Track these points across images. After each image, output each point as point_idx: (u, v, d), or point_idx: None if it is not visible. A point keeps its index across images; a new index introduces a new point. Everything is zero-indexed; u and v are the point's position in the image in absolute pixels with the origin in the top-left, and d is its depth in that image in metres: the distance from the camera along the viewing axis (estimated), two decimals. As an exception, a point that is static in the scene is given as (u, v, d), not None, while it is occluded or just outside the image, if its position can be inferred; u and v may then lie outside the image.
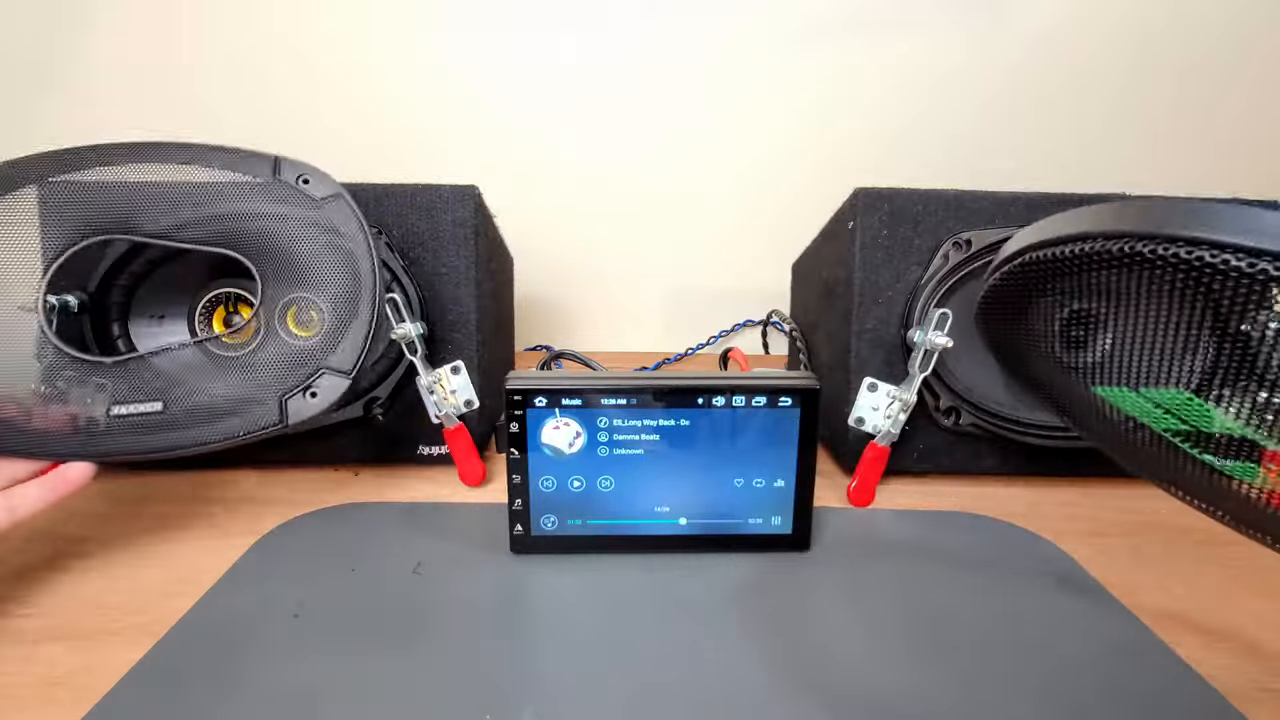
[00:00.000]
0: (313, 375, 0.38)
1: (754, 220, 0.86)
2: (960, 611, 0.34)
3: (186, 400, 0.37)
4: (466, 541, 0.40)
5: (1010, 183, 0.47)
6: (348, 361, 0.38)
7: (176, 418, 0.37)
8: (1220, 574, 0.38)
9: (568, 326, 0.91)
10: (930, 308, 0.44)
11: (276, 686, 0.28)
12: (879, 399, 0.47)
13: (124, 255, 0.46)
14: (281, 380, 0.38)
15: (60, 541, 0.39)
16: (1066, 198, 0.46)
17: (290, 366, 0.38)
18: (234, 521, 0.43)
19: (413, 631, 0.32)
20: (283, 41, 0.78)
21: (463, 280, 0.48)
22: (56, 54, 0.77)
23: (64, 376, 0.39)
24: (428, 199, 0.47)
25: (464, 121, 0.82)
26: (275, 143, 0.81)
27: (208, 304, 0.47)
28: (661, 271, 0.88)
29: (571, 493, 0.37)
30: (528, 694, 0.28)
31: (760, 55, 0.79)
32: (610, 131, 0.82)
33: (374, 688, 0.28)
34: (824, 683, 0.29)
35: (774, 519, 0.38)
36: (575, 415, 0.36)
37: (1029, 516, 0.44)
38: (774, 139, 0.82)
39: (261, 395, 0.37)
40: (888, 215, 0.46)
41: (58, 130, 0.79)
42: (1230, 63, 0.78)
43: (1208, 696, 0.28)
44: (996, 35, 0.78)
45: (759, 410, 0.36)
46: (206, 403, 0.37)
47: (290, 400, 0.37)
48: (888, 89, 0.80)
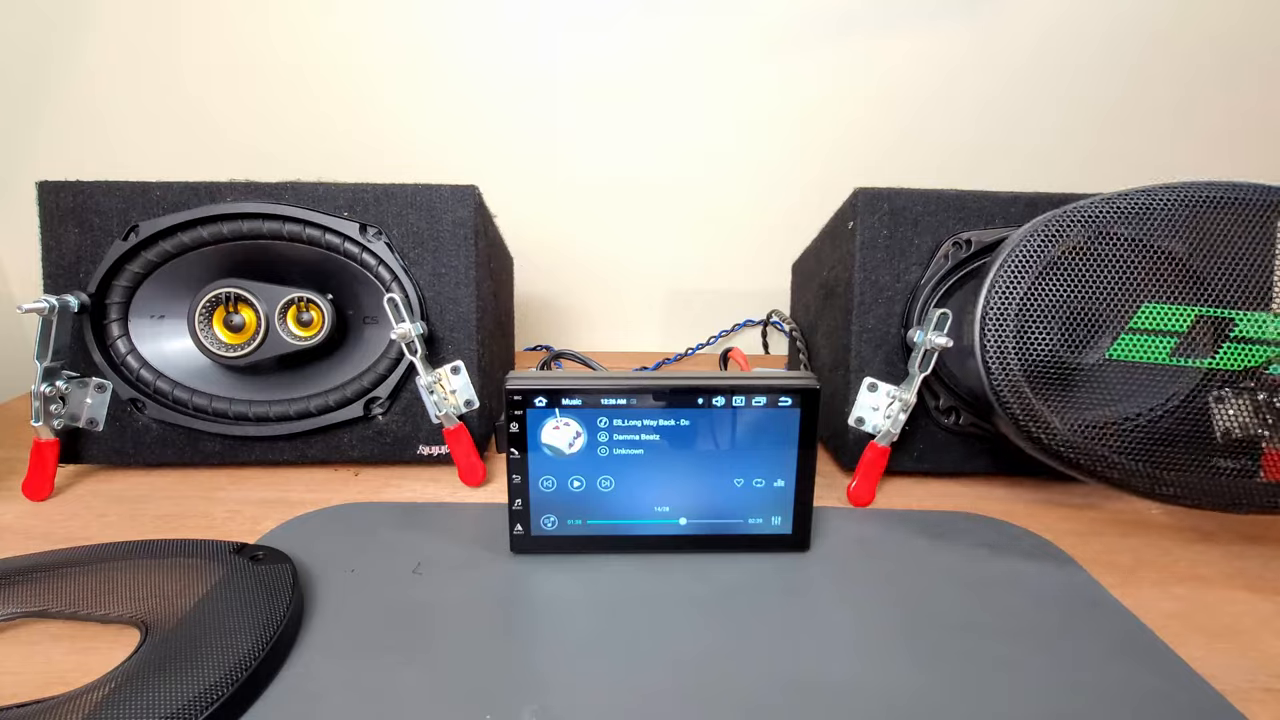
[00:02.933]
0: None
1: (754, 220, 0.85)
2: (960, 611, 0.34)
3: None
4: (466, 541, 0.40)
5: (1010, 183, 0.47)
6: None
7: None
8: (1220, 574, 0.38)
9: (568, 326, 0.91)
10: (930, 308, 0.44)
11: (276, 686, 0.28)
12: (879, 399, 0.47)
13: (124, 255, 0.46)
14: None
15: (60, 541, 0.39)
16: (1067, 197, 0.46)
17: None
18: (233, 522, 0.43)
19: (412, 632, 0.32)
20: (283, 42, 0.78)
21: (463, 280, 0.48)
22: (56, 54, 0.77)
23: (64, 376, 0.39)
24: (428, 199, 0.47)
25: (464, 121, 0.82)
26: (275, 142, 0.81)
27: (208, 304, 0.47)
28: (661, 271, 0.88)
29: (571, 493, 0.37)
30: (528, 694, 0.28)
31: (761, 55, 0.79)
32: (610, 131, 0.82)
33: (374, 688, 0.28)
34: (824, 683, 0.29)
35: (774, 519, 0.38)
36: (575, 415, 0.36)
37: (1029, 516, 0.44)
38: (774, 139, 0.82)
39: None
40: (888, 215, 0.46)
41: (58, 130, 0.79)
42: (1232, 62, 0.78)
43: (1208, 696, 0.28)
44: (997, 35, 0.78)
45: (759, 410, 0.36)
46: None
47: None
48: (888, 89, 0.80)
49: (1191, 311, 0.37)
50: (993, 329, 0.38)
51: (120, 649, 0.29)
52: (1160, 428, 0.38)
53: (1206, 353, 0.37)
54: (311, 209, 0.46)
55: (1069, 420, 0.38)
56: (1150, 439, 0.38)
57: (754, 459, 0.37)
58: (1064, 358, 0.38)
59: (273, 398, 0.48)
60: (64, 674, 0.29)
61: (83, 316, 0.46)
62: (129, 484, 0.48)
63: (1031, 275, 0.38)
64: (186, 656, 0.27)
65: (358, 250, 0.47)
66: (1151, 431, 0.38)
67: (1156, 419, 0.38)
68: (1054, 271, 0.38)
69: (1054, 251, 0.38)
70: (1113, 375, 0.38)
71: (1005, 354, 0.38)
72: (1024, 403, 0.38)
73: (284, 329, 0.48)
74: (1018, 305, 0.38)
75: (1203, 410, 0.37)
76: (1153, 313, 0.37)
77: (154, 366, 0.48)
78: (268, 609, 0.30)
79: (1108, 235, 0.38)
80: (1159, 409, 0.38)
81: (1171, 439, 0.37)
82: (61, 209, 0.46)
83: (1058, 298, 0.38)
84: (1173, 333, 0.37)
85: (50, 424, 0.45)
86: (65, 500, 0.45)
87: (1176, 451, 0.37)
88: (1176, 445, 0.37)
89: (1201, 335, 0.37)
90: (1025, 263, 0.39)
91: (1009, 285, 0.38)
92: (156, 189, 0.46)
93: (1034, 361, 0.38)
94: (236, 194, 0.47)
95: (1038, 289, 0.38)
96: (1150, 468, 0.37)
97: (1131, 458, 0.38)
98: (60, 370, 0.46)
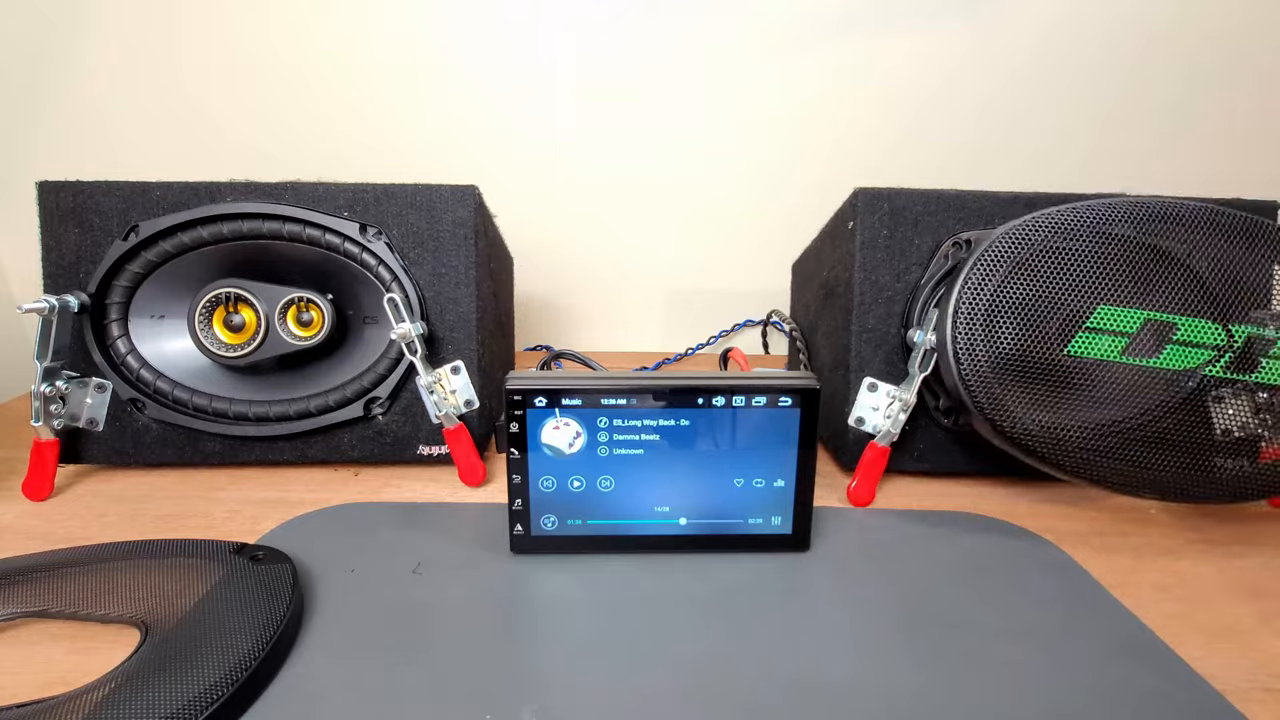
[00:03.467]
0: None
1: (754, 220, 0.85)
2: (960, 612, 0.34)
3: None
4: (466, 541, 0.40)
5: (1010, 183, 0.47)
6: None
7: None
8: (1220, 574, 0.38)
9: (568, 326, 0.91)
10: (930, 308, 0.44)
11: (276, 686, 0.28)
12: (879, 399, 0.47)
13: (124, 255, 0.46)
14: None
15: (60, 541, 0.39)
16: (1067, 197, 0.46)
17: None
18: (233, 522, 0.43)
19: (412, 632, 0.32)
20: (283, 42, 0.78)
21: (463, 280, 0.48)
22: (56, 54, 0.77)
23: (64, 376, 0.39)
24: (428, 199, 0.47)
25: (464, 121, 0.82)
26: (275, 142, 0.81)
27: (208, 304, 0.47)
28: (661, 271, 0.88)
29: (571, 493, 0.37)
30: (528, 694, 0.28)
31: (761, 55, 0.79)
32: (610, 131, 0.82)
33: (374, 688, 0.28)
34: (824, 683, 0.29)
35: (774, 519, 0.38)
36: (575, 415, 0.36)
37: (1029, 517, 0.44)
38: (774, 139, 0.82)
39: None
40: (888, 215, 0.46)
41: (58, 130, 0.79)
42: (1233, 61, 0.78)
43: (1208, 697, 0.28)
44: (997, 35, 0.78)
45: (759, 410, 0.36)
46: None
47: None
48: (888, 88, 0.80)
49: (1140, 315, 0.40)
50: (963, 323, 0.40)
51: (120, 649, 0.29)
52: (1126, 427, 0.40)
53: (1152, 354, 0.40)
54: (311, 209, 0.46)
55: (1059, 420, 0.40)
56: (1113, 434, 0.40)
57: (754, 459, 0.37)
58: (1031, 352, 0.40)
59: (273, 398, 0.48)
60: (64, 674, 0.29)
61: (83, 316, 0.46)
62: (129, 484, 0.48)
63: (1001, 274, 0.40)
64: (186, 656, 0.27)
65: (358, 250, 0.47)
66: (1117, 429, 0.40)
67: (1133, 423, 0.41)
68: (1022, 272, 0.40)
69: (1022, 253, 0.40)
70: (1103, 380, 0.40)
71: (974, 346, 0.40)
72: (989, 392, 0.40)
73: (284, 329, 0.48)
74: (987, 302, 0.40)
75: (1177, 411, 0.40)
76: (1106, 314, 0.40)
77: (154, 366, 0.48)
78: (268, 609, 0.30)
79: (1070, 242, 0.41)
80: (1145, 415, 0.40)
81: (1136, 436, 0.40)
82: (61, 209, 0.46)
83: (1025, 296, 0.40)
84: (1123, 333, 0.40)
85: (50, 424, 0.45)
86: (65, 500, 0.45)
87: (1138, 449, 0.40)
88: (1140, 443, 0.40)
89: (1148, 337, 0.40)
90: (996, 262, 0.41)
91: (980, 282, 0.41)
92: (156, 189, 0.46)
93: (1000, 354, 0.40)
94: (236, 194, 0.47)
95: (1006, 287, 0.40)
96: (1112, 460, 0.40)
97: (1096, 452, 0.40)
98: (60, 370, 0.46)
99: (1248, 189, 0.49)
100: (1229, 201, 0.47)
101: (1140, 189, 0.47)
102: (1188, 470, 0.39)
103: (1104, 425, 0.40)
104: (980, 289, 0.40)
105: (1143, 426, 0.40)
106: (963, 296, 0.41)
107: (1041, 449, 0.40)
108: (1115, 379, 0.40)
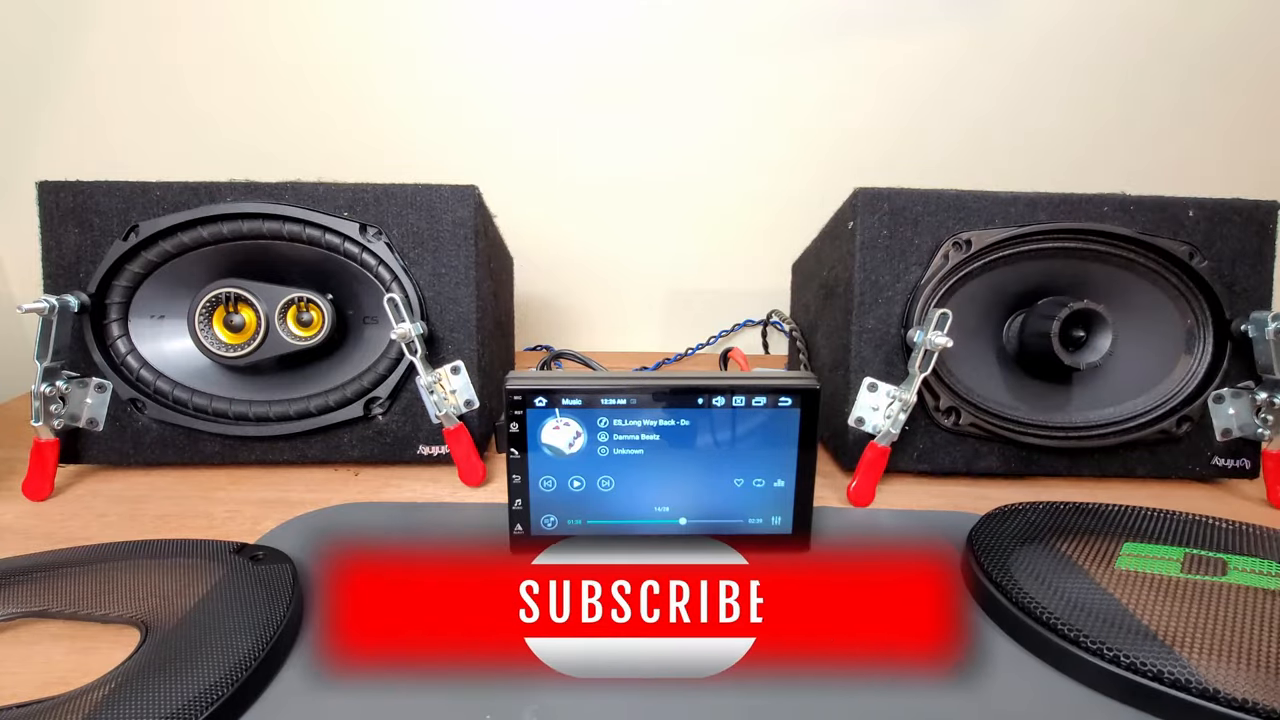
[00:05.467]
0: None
1: (754, 220, 0.85)
2: (960, 611, 0.34)
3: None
4: (466, 541, 0.40)
5: (1010, 183, 0.47)
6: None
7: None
8: (1220, 574, 0.38)
9: (568, 326, 0.91)
10: (930, 308, 0.44)
11: (276, 686, 0.28)
12: (879, 399, 0.47)
13: (124, 255, 0.46)
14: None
15: (60, 541, 0.39)
16: (1067, 197, 0.46)
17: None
18: (233, 522, 0.43)
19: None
20: (283, 42, 0.78)
21: (463, 280, 0.48)
22: (56, 54, 0.77)
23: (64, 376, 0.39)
24: (428, 199, 0.47)
25: (464, 121, 0.81)
26: (275, 142, 0.81)
27: (208, 304, 0.47)
28: (661, 271, 0.88)
29: (571, 492, 0.37)
30: (528, 694, 0.28)
31: (761, 56, 0.79)
32: (610, 131, 0.82)
33: (374, 688, 0.28)
34: (823, 683, 0.29)
35: (774, 519, 0.38)
36: (575, 415, 0.36)
37: (1029, 516, 0.44)
38: (774, 139, 0.82)
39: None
40: (888, 215, 0.46)
41: (58, 130, 0.79)
42: (1234, 61, 0.78)
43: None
44: (998, 35, 0.78)
45: (759, 410, 0.36)
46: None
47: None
48: (889, 89, 0.80)
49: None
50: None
51: (120, 649, 0.29)
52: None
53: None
54: (311, 209, 0.46)
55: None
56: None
57: (754, 459, 0.37)
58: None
59: (273, 398, 0.48)
60: (64, 674, 0.29)
61: (83, 316, 0.46)
62: (129, 484, 0.48)
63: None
64: (186, 657, 0.27)
65: (358, 250, 0.47)
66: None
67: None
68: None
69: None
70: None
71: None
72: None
73: (284, 329, 0.48)
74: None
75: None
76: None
77: (154, 366, 0.48)
78: (268, 609, 0.30)
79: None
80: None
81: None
82: (61, 209, 0.46)
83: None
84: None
85: (50, 424, 0.45)
86: (65, 500, 0.45)
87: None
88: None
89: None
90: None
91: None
92: (156, 189, 0.46)
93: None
94: (236, 194, 0.47)
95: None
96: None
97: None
98: (60, 370, 0.46)
99: (1250, 188, 0.49)
100: (1229, 201, 0.47)
101: (1140, 189, 0.47)
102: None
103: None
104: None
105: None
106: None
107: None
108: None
